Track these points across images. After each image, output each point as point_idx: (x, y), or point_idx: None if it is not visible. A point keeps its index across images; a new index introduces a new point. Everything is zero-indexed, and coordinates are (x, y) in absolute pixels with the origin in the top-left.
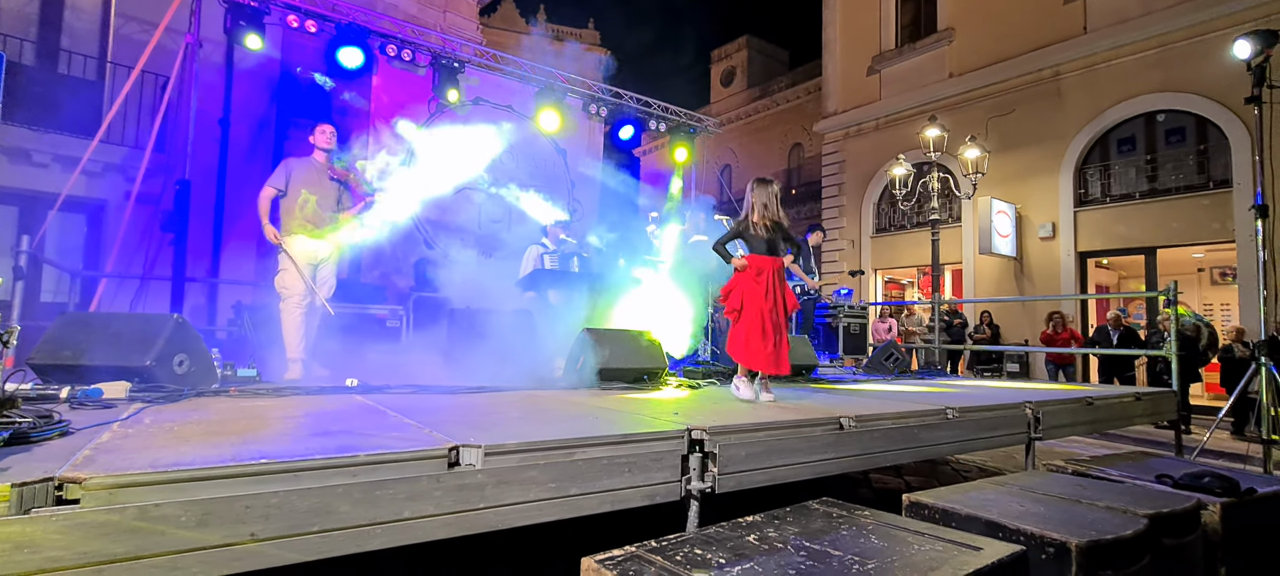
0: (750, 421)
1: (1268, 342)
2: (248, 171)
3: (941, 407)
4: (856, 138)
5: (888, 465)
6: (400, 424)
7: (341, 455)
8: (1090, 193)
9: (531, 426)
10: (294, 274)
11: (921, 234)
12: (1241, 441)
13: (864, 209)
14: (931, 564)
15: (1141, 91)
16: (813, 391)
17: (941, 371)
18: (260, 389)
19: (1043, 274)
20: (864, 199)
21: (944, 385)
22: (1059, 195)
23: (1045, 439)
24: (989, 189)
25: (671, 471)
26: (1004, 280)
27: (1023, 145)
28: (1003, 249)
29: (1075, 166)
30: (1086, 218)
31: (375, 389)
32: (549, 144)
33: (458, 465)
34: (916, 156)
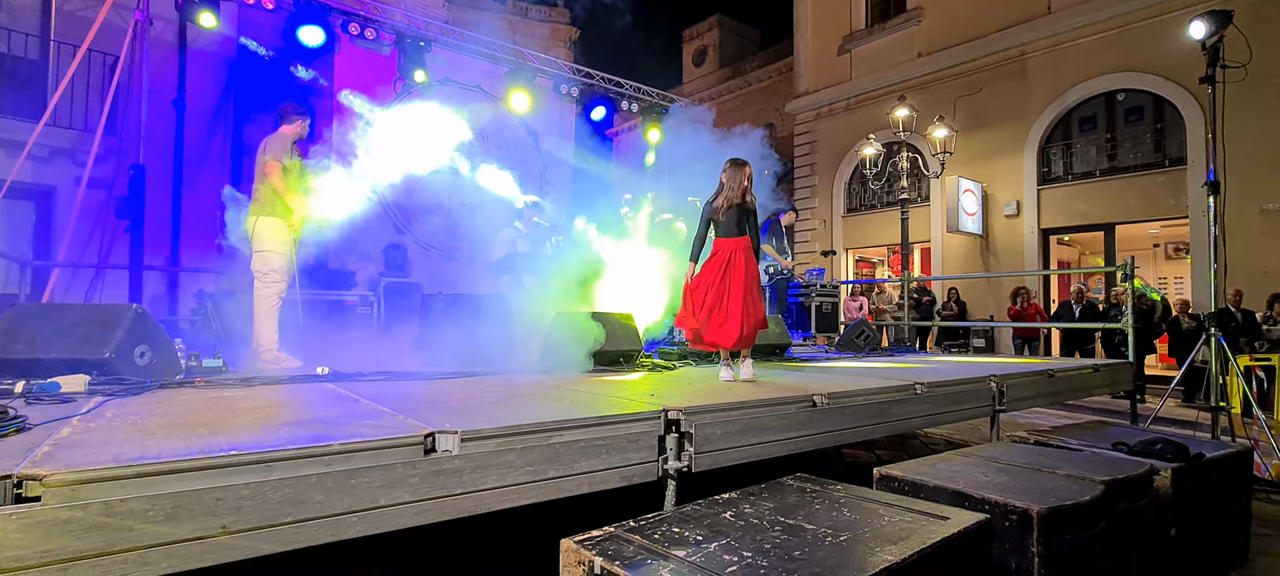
0: (725, 401)
1: (1217, 314)
2: (205, 155)
3: (910, 383)
4: (828, 118)
5: (860, 440)
6: (374, 411)
7: (314, 444)
8: (1053, 171)
9: (508, 411)
10: (280, 258)
11: (891, 213)
12: (1191, 409)
13: (835, 189)
14: (900, 533)
15: (1102, 71)
16: (786, 370)
17: (911, 348)
18: (227, 379)
19: (1007, 251)
20: (835, 179)
21: (913, 361)
22: (1023, 174)
23: (1009, 411)
24: (956, 168)
25: (649, 452)
26: (971, 258)
27: (989, 125)
28: (969, 227)
29: (1039, 145)
30: (1049, 195)
31: (347, 376)
32: (520, 125)
33: (434, 451)
34: (887, 136)
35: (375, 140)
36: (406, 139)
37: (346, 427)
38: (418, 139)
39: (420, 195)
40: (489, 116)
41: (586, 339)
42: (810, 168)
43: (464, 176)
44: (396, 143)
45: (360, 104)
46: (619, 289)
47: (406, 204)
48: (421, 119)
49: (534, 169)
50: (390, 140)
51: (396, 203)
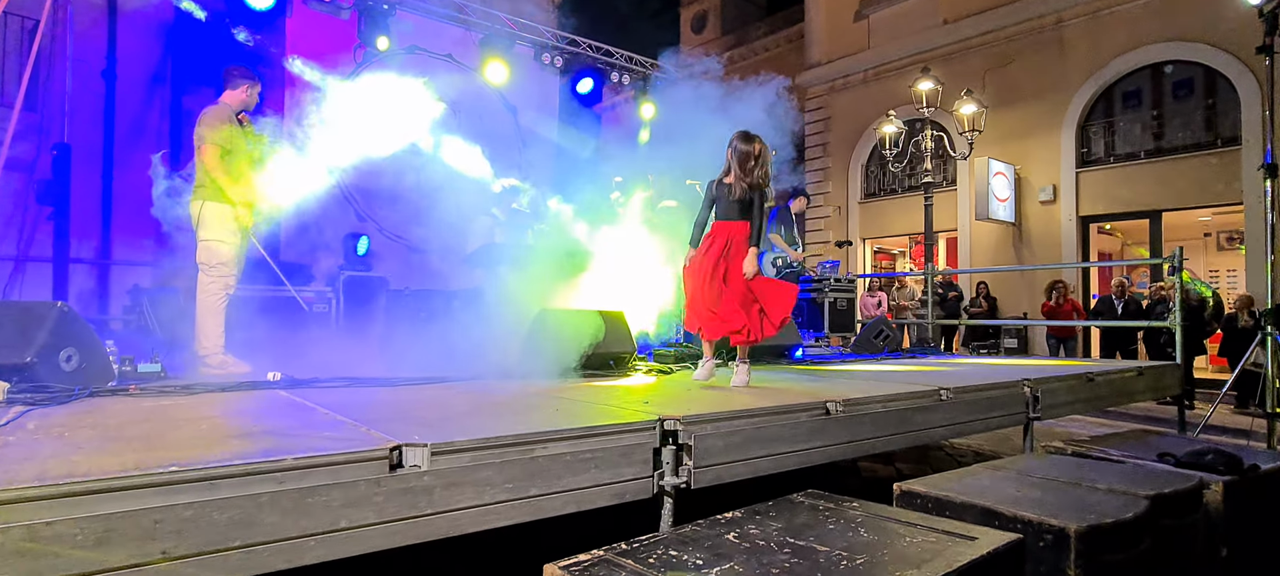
0: (728, 409)
1: (1274, 311)
2: (139, 132)
3: (935, 388)
4: (843, 92)
5: (878, 452)
6: (333, 421)
7: (266, 459)
8: (1093, 152)
9: (484, 421)
10: (229, 248)
11: (913, 199)
12: (1245, 416)
13: (851, 172)
14: (924, 556)
15: (1148, 40)
16: (796, 373)
17: (935, 349)
18: (166, 387)
19: (1043, 241)
20: (851, 161)
21: (938, 364)
22: (1060, 155)
23: (1044, 419)
24: (986, 148)
25: (642, 466)
26: (1002, 248)
27: (1022, 100)
28: (1001, 214)
29: (1077, 123)
30: (1089, 179)
31: (303, 383)
32: (497, 99)
33: (401, 466)
34: (909, 113)
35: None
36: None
37: (302, 440)
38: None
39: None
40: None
41: (573, 340)
42: (823, 148)
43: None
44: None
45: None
46: (610, 284)
47: (368, 188)
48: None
49: (513, 148)
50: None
51: (357, 187)
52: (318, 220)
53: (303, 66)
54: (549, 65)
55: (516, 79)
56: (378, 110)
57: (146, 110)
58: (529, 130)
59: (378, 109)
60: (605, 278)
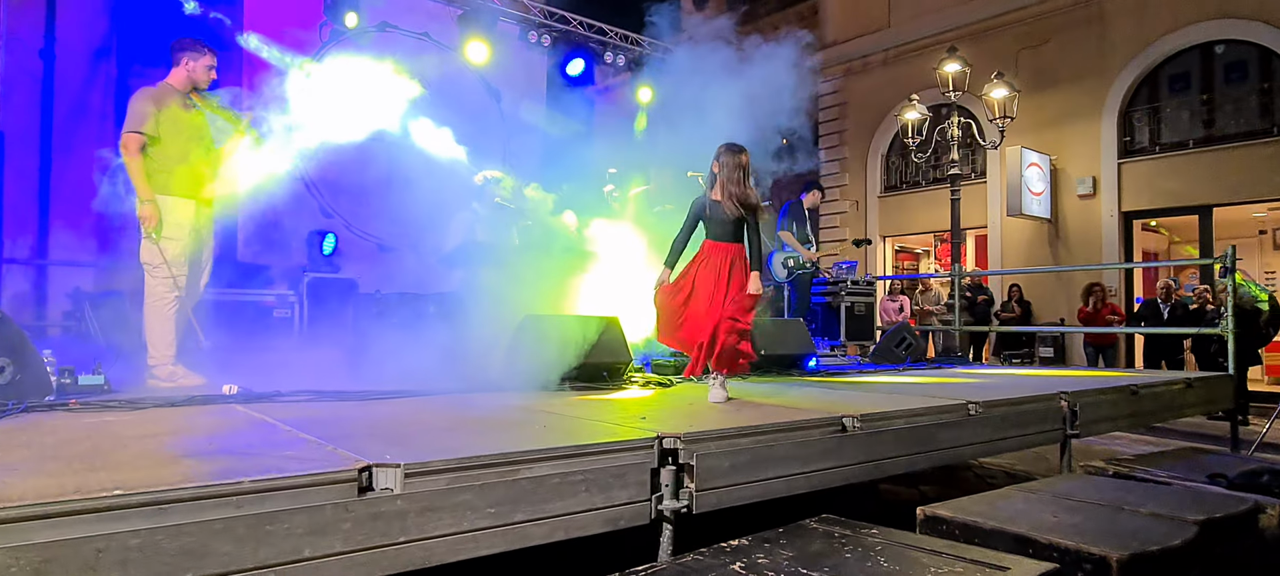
0: (734, 425)
1: None
2: (80, 118)
3: (963, 402)
4: (861, 74)
5: (900, 472)
6: (295, 439)
7: (221, 482)
8: (1137, 141)
9: (463, 438)
10: (177, 246)
11: (939, 193)
12: None
13: (870, 162)
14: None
15: (1198, 18)
16: (809, 386)
17: (963, 358)
18: (111, 401)
19: (1081, 239)
20: (870, 150)
21: (966, 375)
22: (1100, 144)
23: (1083, 436)
24: (1019, 137)
25: (639, 489)
26: (1036, 247)
27: (1059, 84)
28: (1035, 209)
29: (1119, 109)
30: (1132, 171)
31: (262, 396)
32: (478, 82)
33: (371, 489)
34: (933, 97)
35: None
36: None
37: (261, 460)
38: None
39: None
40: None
41: (562, 349)
42: (838, 137)
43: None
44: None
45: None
46: (603, 286)
47: (335, 181)
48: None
49: (496, 137)
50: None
51: (322, 179)
52: (278, 216)
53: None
54: (536, 44)
55: (500, 60)
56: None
57: (88, 91)
58: (514, 116)
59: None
60: (598, 280)
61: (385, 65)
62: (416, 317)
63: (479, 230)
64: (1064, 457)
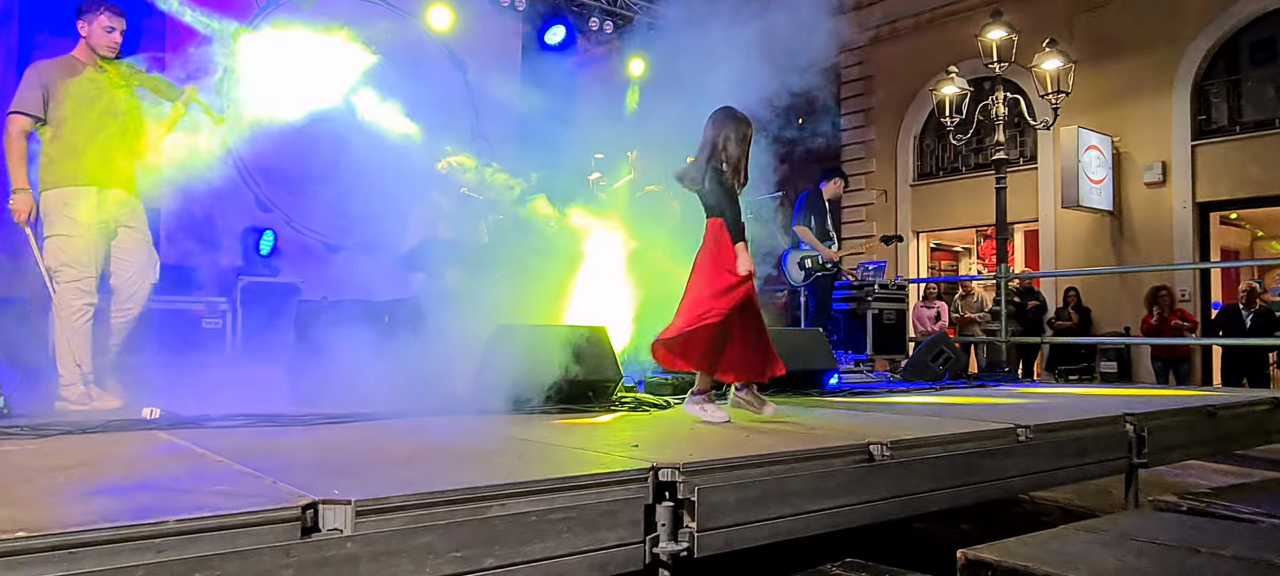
0: (742, 454)
1: None
2: None
3: (1011, 426)
4: (889, 43)
5: (937, 509)
6: (228, 471)
7: (141, 522)
8: (1214, 120)
9: (425, 470)
10: (80, 243)
11: (982, 181)
12: None
13: (900, 146)
14: None
15: None
16: (830, 408)
17: (1010, 375)
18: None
19: (1149, 234)
20: (900, 132)
21: (1014, 394)
22: (1171, 124)
23: (1152, 465)
24: (1075, 115)
25: (631, 529)
26: (1096, 244)
27: (1121, 52)
28: (1094, 200)
29: (1193, 83)
30: (1209, 155)
31: (189, 421)
32: (443, 53)
33: (316, 530)
34: (975, 69)
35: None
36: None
37: (188, 497)
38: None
39: (294, 157)
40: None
41: (541, 364)
42: (864, 116)
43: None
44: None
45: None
46: (589, 293)
47: (275, 168)
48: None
49: (462, 116)
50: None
51: (259, 167)
52: (208, 210)
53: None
54: (509, 8)
55: (467, 26)
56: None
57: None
58: (483, 91)
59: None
60: (583, 284)
61: (333, 34)
62: (369, 328)
63: (442, 226)
64: (1130, 491)
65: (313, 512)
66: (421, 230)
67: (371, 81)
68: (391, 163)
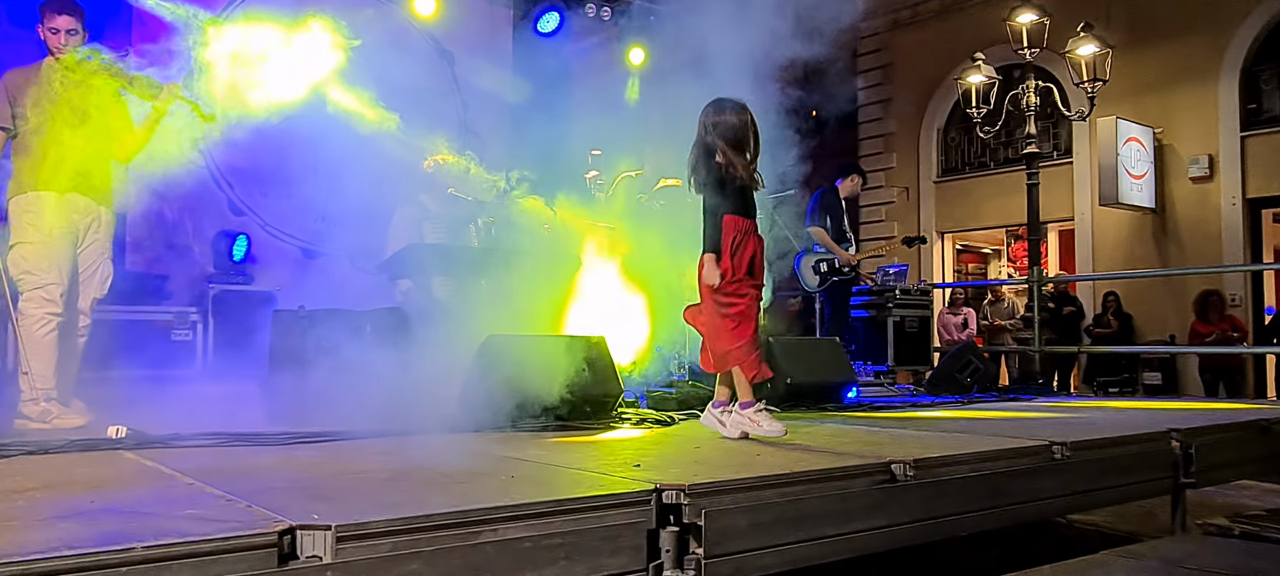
0: (752, 474)
1: None
2: None
3: (1046, 442)
4: (910, 28)
5: (965, 533)
6: (199, 495)
7: (106, 549)
8: (1265, 108)
9: (410, 493)
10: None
11: (1012, 176)
12: None
13: (923, 140)
14: None
15: None
16: (849, 422)
17: (1045, 387)
18: None
19: (1195, 233)
20: (922, 125)
21: (1048, 408)
22: (1218, 113)
23: (1200, 485)
24: (1113, 105)
25: (633, 555)
26: (1137, 244)
27: (1163, 37)
28: (1135, 196)
29: (1242, 68)
30: (1260, 146)
31: (157, 441)
32: (427, 43)
33: (294, 557)
34: (1003, 56)
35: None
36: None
37: (156, 521)
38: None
39: (270, 155)
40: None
41: (535, 378)
42: (882, 107)
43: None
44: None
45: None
46: (587, 301)
47: (248, 168)
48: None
49: (449, 110)
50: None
51: (231, 166)
52: (177, 213)
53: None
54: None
55: (453, 14)
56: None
57: None
58: (472, 84)
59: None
60: (580, 291)
61: (309, 23)
62: (350, 340)
63: (428, 229)
64: (1176, 513)
65: (290, 538)
66: (405, 234)
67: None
68: (373, 162)
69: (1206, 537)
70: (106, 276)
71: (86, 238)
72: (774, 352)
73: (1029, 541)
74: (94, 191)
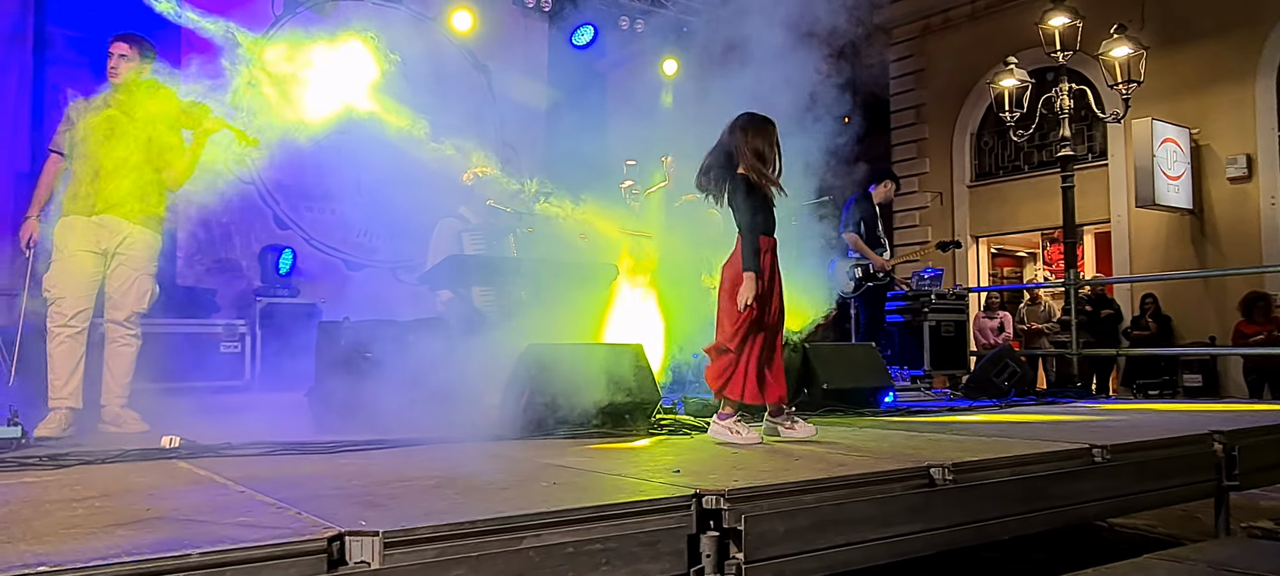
0: (792, 479)
1: None
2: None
3: (1085, 445)
4: (941, 33)
5: (1005, 537)
6: (251, 502)
7: (163, 554)
8: None
9: (454, 500)
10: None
11: (1047, 180)
12: None
13: (956, 144)
14: None
15: None
16: (886, 427)
17: (1083, 390)
18: (28, 456)
19: (1235, 234)
20: (955, 129)
21: (1087, 411)
22: (1256, 111)
23: (1244, 488)
24: (1149, 106)
25: (674, 560)
26: (1175, 246)
27: (1198, 36)
28: (1172, 198)
29: (1279, 66)
30: None
31: (209, 450)
32: (464, 58)
33: (343, 563)
34: (1036, 59)
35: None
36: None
37: (210, 528)
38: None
39: (314, 171)
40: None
41: (574, 385)
42: (915, 112)
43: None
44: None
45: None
46: (624, 309)
47: (293, 184)
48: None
49: (487, 123)
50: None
51: (277, 183)
52: (225, 229)
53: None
54: (534, 9)
55: (489, 30)
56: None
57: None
58: (509, 98)
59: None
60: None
61: (351, 41)
62: (393, 350)
63: (467, 241)
64: (1219, 516)
65: (339, 544)
66: (445, 246)
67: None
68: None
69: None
70: (144, 292)
71: (115, 257)
72: (809, 358)
73: (1069, 545)
74: (130, 214)
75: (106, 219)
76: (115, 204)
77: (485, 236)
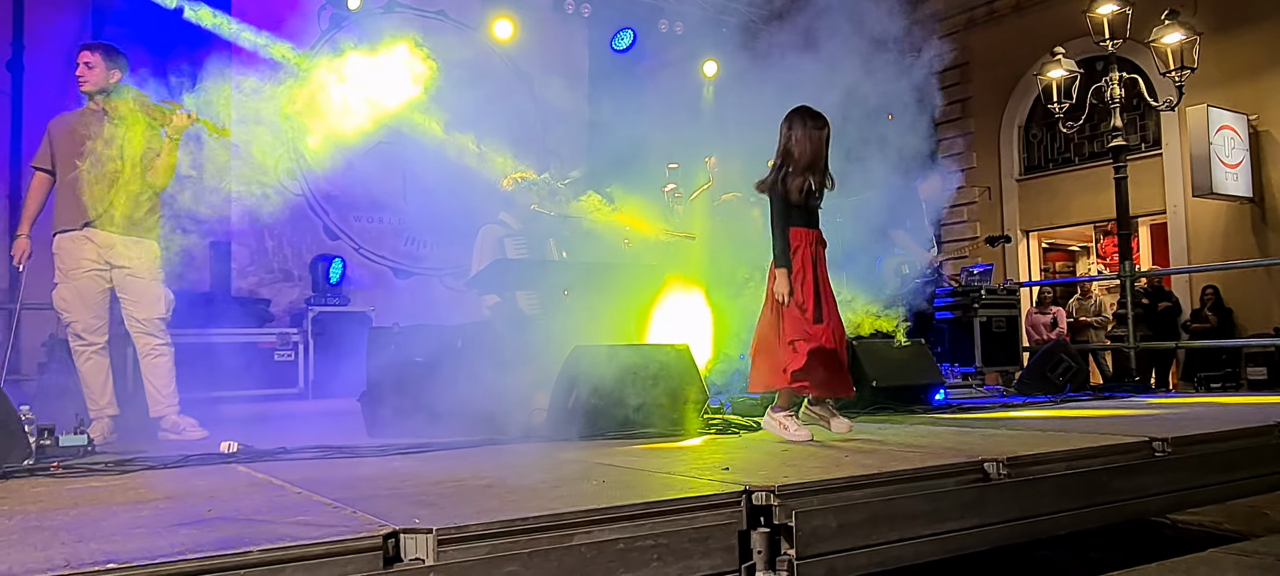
0: (842, 475)
1: None
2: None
3: (1144, 438)
4: (986, 26)
5: (1062, 533)
6: (307, 503)
7: (225, 552)
8: None
9: (505, 498)
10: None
11: (1099, 171)
12: None
13: (1003, 137)
14: None
15: None
16: (937, 424)
17: (1141, 385)
18: (95, 463)
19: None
20: (1002, 121)
21: (1146, 405)
22: None
23: None
24: (1203, 92)
25: (725, 556)
26: (1235, 235)
27: (1254, 18)
28: (1230, 186)
29: None
30: None
31: (266, 454)
32: (506, 65)
33: (398, 560)
34: (1084, 48)
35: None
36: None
37: (269, 527)
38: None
39: (361, 181)
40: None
41: (620, 386)
42: (961, 106)
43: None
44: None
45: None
46: (669, 310)
47: (341, 195)
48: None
49: (530, 129)
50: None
51: (326, 194)
52: (277, 240)
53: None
54: (574, 15)
55: (531, 37)
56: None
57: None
58: (550, 103)
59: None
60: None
61: (395, 53)
62: (442, 354)
63: (510, 246)
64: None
65: (394, 542)
66: (490, 251)
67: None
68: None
69: None
70: (157, 297)
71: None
72: (858, 356)
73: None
74: (121, 226)
75: (94, 232)
76: (103, 215)
77: (527, 240)
